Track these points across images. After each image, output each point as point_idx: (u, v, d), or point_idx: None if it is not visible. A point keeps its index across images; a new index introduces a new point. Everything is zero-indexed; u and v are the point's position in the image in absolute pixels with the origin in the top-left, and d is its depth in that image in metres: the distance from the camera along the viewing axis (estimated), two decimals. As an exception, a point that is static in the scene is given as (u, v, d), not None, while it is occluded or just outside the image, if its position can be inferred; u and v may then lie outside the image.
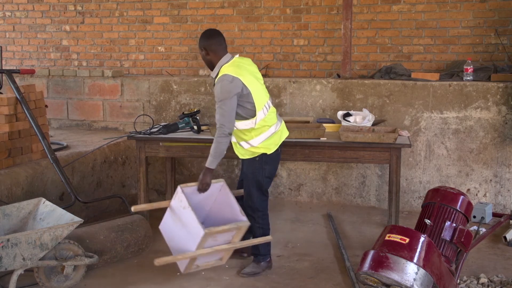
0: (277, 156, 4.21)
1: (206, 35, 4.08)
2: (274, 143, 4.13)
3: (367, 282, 3.18)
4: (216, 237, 3.72)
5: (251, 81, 3.99)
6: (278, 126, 4.17)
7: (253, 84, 3.99)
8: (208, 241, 3.67)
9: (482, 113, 5.42)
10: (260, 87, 4.10)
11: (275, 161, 4.24)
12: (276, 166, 4.29)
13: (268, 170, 4.18)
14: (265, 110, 4.06)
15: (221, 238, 3.76)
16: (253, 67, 4.18)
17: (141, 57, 7.30)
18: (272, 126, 4.11)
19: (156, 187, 6.25)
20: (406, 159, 5.61)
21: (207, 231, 3.57)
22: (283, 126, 4.27)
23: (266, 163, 4.15)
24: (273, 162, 4.21)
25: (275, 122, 4.14)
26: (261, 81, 4.17)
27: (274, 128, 4.12)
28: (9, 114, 4.70)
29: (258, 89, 4.04)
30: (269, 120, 4.09)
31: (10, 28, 7.78)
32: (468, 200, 3.52)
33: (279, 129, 4.16)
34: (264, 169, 4.14)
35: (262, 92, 4.08)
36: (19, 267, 3.51)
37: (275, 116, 4.17)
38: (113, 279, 4.05)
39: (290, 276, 4.12)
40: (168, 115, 6.24)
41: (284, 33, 6.75)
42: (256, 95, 3.98)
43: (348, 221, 5.38)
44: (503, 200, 5.45)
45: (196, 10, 7.03)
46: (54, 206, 3.98)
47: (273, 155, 4.15)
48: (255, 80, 4.06)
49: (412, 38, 6.35)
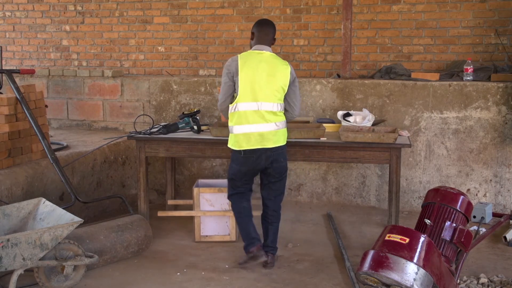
0: (243, 159, 4.10)
1: (258, 22, 4.27)
2: (241, 141, 4.07)
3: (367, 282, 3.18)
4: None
5: (249, 73, 4.02)
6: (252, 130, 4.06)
7: (248, 76, 4.02)
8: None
9: (482, 113, 5.42)
10: (259, 84, 4.03)
11: (241, 164, 4.13)
12: (241, 170, 4.16)
13: (233, 167, 4.21)
14: (248, 105, 4.03)
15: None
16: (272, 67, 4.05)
17: (141, 57, 7.31)
18: (249, 125, 4.05)
19: (156, 187, 6.25)
20: (406, 159, 5.61)
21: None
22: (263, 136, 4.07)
23: (233, 160, 4.20)
24: (238, 162, 4.15)
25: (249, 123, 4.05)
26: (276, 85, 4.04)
27: (248, 128, 4.06)
28: (9, 114, 4.70)
29: (251, 83, 4.02)
30: (245, 117, 4.05)
31: (10, 28, 7.79)
32: (468, 200, 3.52)
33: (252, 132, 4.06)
34: (231, 165, 4.24)
35: (260, 88, 4.02)
36: (19, 267, 3.51)
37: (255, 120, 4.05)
38: (113, 279, 4.05)
39: (290, 276, 4.12)
40: (168, 115, 6.25)
41: (284, 33, 6.75)
42: (243, 86, 4.02)
43: (348, 221, 5.38)
44: (503, 200, 5.45)
45: (196, 10, 7.04)
46: (54, 206, 3.98)
47: (238, 155, 4.12)
48: (259, 75, 4.02)
49: (412, 38, 6.36)
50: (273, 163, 4.15)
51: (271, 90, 4.07)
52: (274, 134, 4.11)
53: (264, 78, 4.05)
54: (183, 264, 4.32)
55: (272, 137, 4.10)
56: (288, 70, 4.13)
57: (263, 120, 4.06)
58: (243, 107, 4.06)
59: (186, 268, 4.24)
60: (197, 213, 4.77)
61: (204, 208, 4.77)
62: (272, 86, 4.07)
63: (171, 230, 5.10)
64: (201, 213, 4.76)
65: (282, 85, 4.09)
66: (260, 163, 4.13)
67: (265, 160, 4.12)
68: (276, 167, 4.17)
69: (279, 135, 4.14)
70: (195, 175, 6.10)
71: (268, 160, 4.12)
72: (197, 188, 4.81)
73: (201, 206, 4.78)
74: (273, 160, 4.14)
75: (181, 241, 4.82)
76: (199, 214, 4.77)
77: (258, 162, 4.12)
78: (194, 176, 6.07)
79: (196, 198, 4.78)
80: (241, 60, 4.08)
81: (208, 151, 4.85)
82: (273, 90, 4.07)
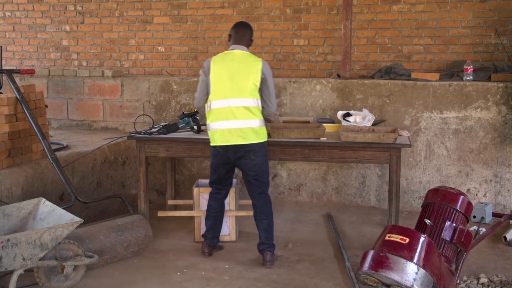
0: (217, 154, 4.28)
1: (235, 24, 4.44)
2: (214, 137, 4.23)
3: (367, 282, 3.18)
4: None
5: (220, 71, 4.19)
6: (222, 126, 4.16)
7: (219, 75, 4.18)
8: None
9: (482, 113, 5.42)
10: (230, 81, 4.14)
11: (213, 157, 4.32)
12: (213, 163, 4.33)
13: (212, 162, 4.38)
14: (219, 103, 4.16)
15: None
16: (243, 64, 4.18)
17: (141, 57, 7.31)
18: (220, 122, 4.17)
19: (156, 187, 6.25)
20: (406, 159, 5.61)
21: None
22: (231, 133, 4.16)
23: (212, 155, 4.34)
24: (213, 156, 4.34)
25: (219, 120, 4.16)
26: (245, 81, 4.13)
27: (219, 125, 4.17)
28: (9, 114, 4.70)
29: (223, 80, 4.16)
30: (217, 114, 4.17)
31: (10, 28, 7.79)
32: (468, 200, 3.51)
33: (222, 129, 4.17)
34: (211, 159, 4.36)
35: (231, 86, 4.14)
36: (19, 267, 3.51)
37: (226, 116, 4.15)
38: (113, 279, 4.05)
39: (290, 276, 4.11)
40: (168, 115, 6.25)
41: (284, 33, 6.75)
42: (214, 84, 4.18)
43: (348, 221, 5.38)
44: (503, 200, 5.45)
45: (196, 10, 7.04)
46: (54, 206, 3.98)
47: (213, 149, 4.30)
48: (230, 73, 4.16)
49: (412, 38, 6.36)
50: (241, 159, 4.22)
51: (240, 87, 4.15)
52: (243, 131, 4.16)
53: (234, 76, 4.15)
54: (183, 264, 4.32)
55: (242, 134, 4.16)
56: (259, 65, 4.18)
57: (232, 117, 4.15)
58: (215, 105, 4.20)
59: (186, 268, 4.24)
60: (197, 213, 4.78)
61: (204, 208, 4.76)
62: (242, 83, 4.15)
63: (171, 230, 5.10)
64: (201, 213, 4.76)
65: (253, 81, 4.16)
66: (228, 158, 4.25)
67: (233, 156, 4.22)
68: (246, 164, 4.23)
69: (249, 132, 4.17)
70: (195, 175, 6.10)
71: (236, 156, 4.22)
72: (197, 188, 4.81)
73: (201, 206, 4.78)
74: (241, 156, 4.21)
75: (181, 241, 4.82)
76: (199, 214, 4.77)
77: (227, 156, 4.24)
78: (194, 176, 6.07)
79: (196, 198, 4.78)
80: (214, 60, 4.25)
81: (208, 151, 4.83)
82: (243, 86, 4.15)
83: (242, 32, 4.34)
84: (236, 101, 4.14)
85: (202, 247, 4.49)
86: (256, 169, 4.25)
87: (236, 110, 4.14)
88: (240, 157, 4.21)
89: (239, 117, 4.14)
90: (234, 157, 4.22)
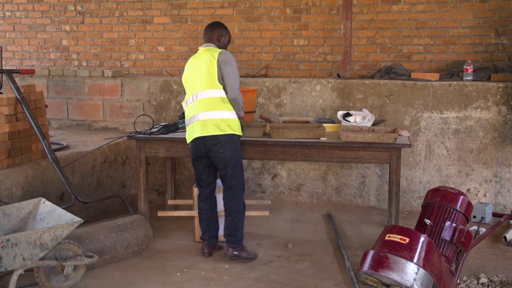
0: (191, 150, 4.39)
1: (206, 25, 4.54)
2: (187, 134, 4.34)
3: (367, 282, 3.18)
4: None
5: (187, 72, 4.37)
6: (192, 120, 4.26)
7: (186, 75, 4.37)
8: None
9: (482, 113, 5.42)
10: (194, 77, 4.27)
11: (191, 154, 4.41)
12: (192, 160, 4.42)
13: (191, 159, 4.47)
14: (190, 99, 4.29)
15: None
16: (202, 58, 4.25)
17: (141, 57, 7.31)
18: (190, 117, 4.28)
19: (156, 187, 6.25)
20: (406, 159, 5.61)
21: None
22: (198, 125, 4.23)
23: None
24: (191, 154, 4.41)
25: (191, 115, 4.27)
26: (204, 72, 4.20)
27: (189, 120, 4.30)
28: (9, 114, 4.70)
29: (190, 77, 4.31)
30: (189, 110, 4.30)
31: (10, 28, 7.79)
32: (468, 200, 3.51)
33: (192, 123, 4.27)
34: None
35: (195, 81, 4.26)
36: (19, 267, 3.51)
37: (195, 110, 4.24)
38: (113, 279, 4.05)
39: (290, 276, 4.11)
40: (168, 115, 6.25)
41: (284, 33, 6.75)
42: (185, 82, 4.39)
43: (348, 221, 5.38)
44: (503, 200, 5.45)
45: (196, 10, 7.03)
46: (54, 206, 3.98)
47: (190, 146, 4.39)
48: (194, 69, 4.29)
49: (412, 38, 6.35)
50: (210, 152, 4.25)
51: (202, 80, 4.23)
52: (205, 122, 4.20)
53: (196, 71, 4.27)
54: (183, 264, 4.32)
55: (204, 126, 4.20)
56: (215, 54, 4.22)
57: (196, 111, 4.25)
58: (186, 103, 4.37)
59: (186, 268, 4.24)
60: (197, 213, 4.77)
61: (204, 208, 4.76)
62: (203, 74, 4.22)
63: (171, 230, 5.10)
64: (201, 213, 4.75)
65: (212, 70, 4.19)
66: (200, 151, 4.29)
67: (203, 149, 4.27)
68: (215, 157, 4.26)
69: (210, 124, 4.19)
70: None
71: (205, 149, 4.26)
72: (197, 188, 4.80)
73: (201, 206, 4.78)
74: (209, 149, 4.24)
75: (181, 241, 4.82)
76: (199, 214, 4.77)
77: (197, 150, 4.30)
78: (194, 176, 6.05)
79: (196, 198, 4.77)
80: (187, 63, 4.42)
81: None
82: (204, 79, 4.22)
83: (208, 32, 4.42)
84: (199, 94, 4.24)
85: (202, 247, 4.50)
86: (224, 163, 4.26)
87: (200, 103, 4.23)
88: (208, 150, 4.25)
89: (201, 110, 4.22)
90: (203, 150, 4.26)
